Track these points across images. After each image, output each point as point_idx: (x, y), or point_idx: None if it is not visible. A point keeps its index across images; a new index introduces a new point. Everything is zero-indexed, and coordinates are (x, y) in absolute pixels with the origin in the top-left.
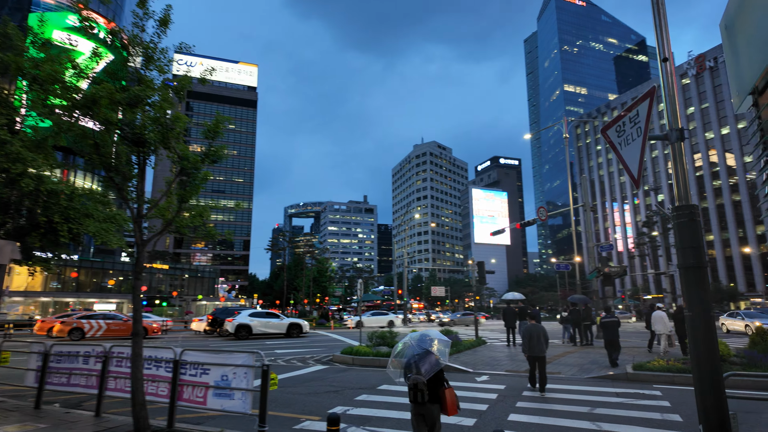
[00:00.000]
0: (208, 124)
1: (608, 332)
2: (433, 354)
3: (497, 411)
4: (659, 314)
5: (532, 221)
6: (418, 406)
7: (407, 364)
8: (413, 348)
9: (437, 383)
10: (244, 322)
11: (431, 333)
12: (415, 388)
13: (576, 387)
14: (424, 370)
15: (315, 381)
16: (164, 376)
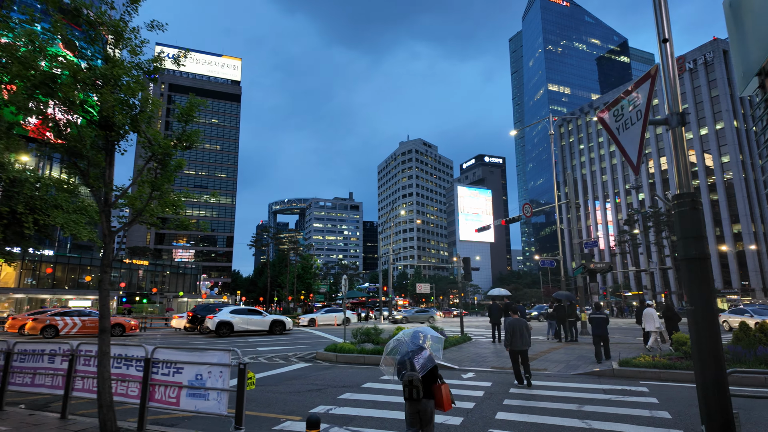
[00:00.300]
0: (181, 107)
1: (597, 328)
2: (427, 350)
3: (484, 409)
4: (649, 311)
5: (518, 218)
6: (413, 403)
7: (401, 362)
8: (407, 345)
9: (431, 379)
10: (225, 319)
11: (424, 330)
12: (410, 384)
13: (563, 384)
14: (418, 366)
15: (297, 379)
16: (135, 376)
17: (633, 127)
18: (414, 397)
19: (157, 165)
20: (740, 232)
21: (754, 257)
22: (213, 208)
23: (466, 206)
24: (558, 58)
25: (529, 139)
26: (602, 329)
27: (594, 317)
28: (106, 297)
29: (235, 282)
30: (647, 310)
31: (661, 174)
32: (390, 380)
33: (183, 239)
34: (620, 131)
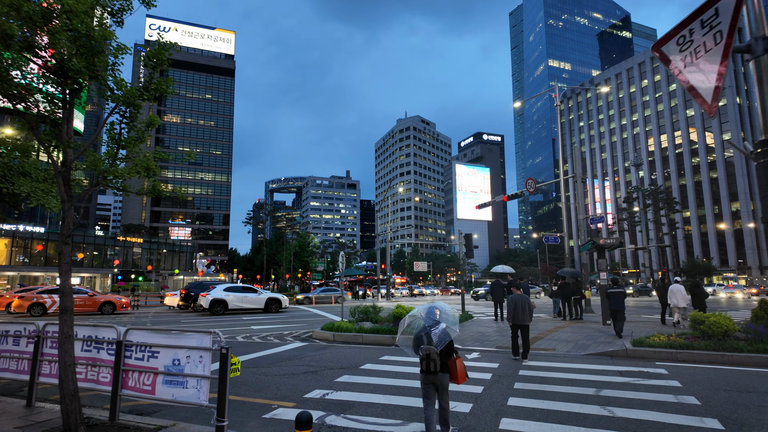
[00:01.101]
0: (150, 51)
1: (614, 302)
2: (443, 324)
3: (494, 394)
4: (677, 287)
5: (520, 193)
6: (429, 375)
7: (418, 336)
8: (423, 320)
9: (447, 353)
10: (218, 296)
11: (439, 305)
12: (428, 358)
13: (574, 365)
14: (436, 340)
15: (292, 360)
16: (106, 360)
17: (708, 56)
18: (432, 370)
19: (121, 118)
20: (738, 210)
21: (752, 235)
22: (208, 185)
23: (464, 184)
24: (559, 32)
25: (528, 116)
26: (620, 304)
27: (612, 292)
28: (67, 272)
29: (232, 260)
30: (674, 286)
31: (661, 151)
32: (390, 361)
33: (179, 217)
34: (687, 63)
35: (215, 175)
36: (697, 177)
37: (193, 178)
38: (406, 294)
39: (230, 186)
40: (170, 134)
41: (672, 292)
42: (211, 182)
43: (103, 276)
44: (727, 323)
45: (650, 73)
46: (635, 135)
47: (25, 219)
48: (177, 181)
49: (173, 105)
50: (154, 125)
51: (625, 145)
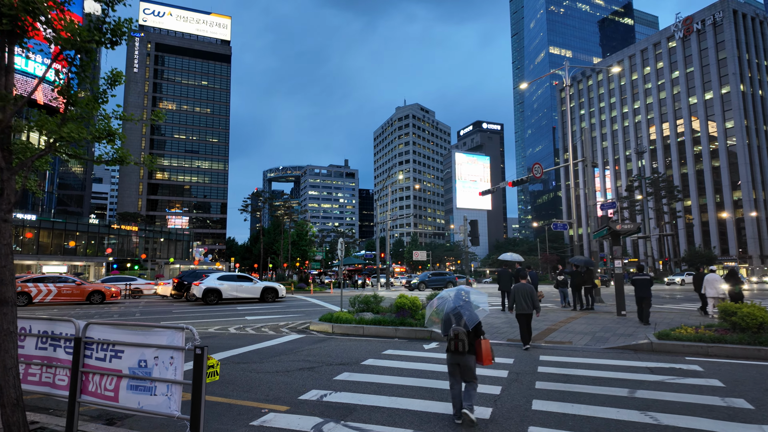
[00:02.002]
0: None
1: (640, 290)
2: (473, 305)
3: (515, 396)
4: (713, 277)
5: (526, 179)
6: (456, 356)
7: (446, 318)
8: (452, 301)
9: (474, 334)
10: (212, 285)
11: (465, 288)
12: (456, 338)
13: (596, 360)
14: (465, 320)
15: (287, 354)
16: (63, 360)
17: None
18: (459, 350)
19: (69, 65)
20: (740, 199)
21: (753, 224)
22: (205, 173)
23: (463, 173)
24: (560, 19)
25: (528, 104)
26: (647, 291)
27: (638, 279)
28: (7, 255)
29: (230, 249)
30: (710, 275)
31: (663, 140)
32: (394, 356)
33: (176, 205)
34: None
35: (212, 163)
36: (699, 166)
37: (190, 166)
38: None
39: (227, 174)
40: (166, 122)
41: (708, 281)
42: (208, 170)
43: (98, 265)
44: (763, 314)
45: (653, 60)
46: (636, 123)
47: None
48: (173, 169)
49: (168, 92)
50: (117, 81)
51: (627, 133)
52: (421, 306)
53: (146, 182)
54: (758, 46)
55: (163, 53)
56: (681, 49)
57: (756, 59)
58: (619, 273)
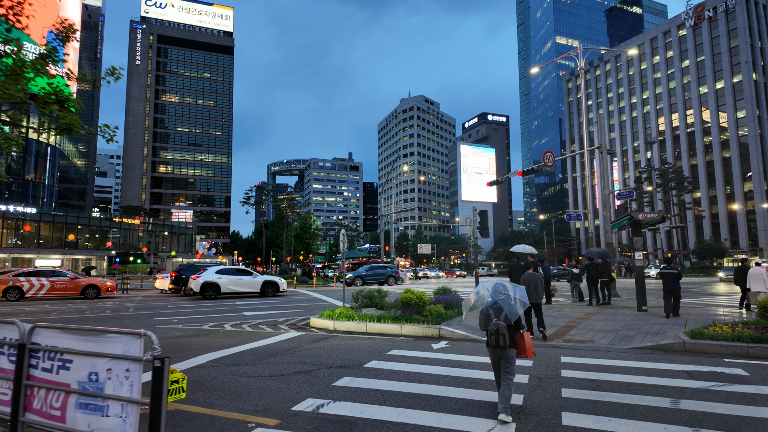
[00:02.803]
0: None
1: (670, 283)
2: (512, 298)
3: (540, 406)
4: (758, 271)
5: (537, 168)
6: (497, 350)
7: (486, 312)
8: (490, 295)
9: (515, 328)
10: (210, 279)
11: (503, 282)
12: (497, 332)
13: (625, 362)
14: (506, 314)
15: (283, 355)
16: (6, 370)
17: None
18: (501, 344)
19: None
20: (751, 191)
21: (765, 216)
22: (209, 167)
23: (468, 165)
24: (567, 8)
25: (534, 95)
26: (676, 285)
27: (667, 272)
28: None
29: (234, 243)
30: (754, 269)
31: (672, 130)
32: (400, 357)
33: (181, 199)
34: None
35: (215, 156)
36: (709, 157)
37: (193, 159)
38: (410, 276)
39: (231, 167)
40: (169, 114)
41: (752, 275)
42: (212, 163)
43: (99, 258)
44: None
45: (662, 50)
46: (645, 114)
47: (15, 199)
48: (177, 163)
49: (171, 84)
50: (69, 39)
51: (635, 124)
52: (428, 301)
53: (149, 176)
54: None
55: (166, 45)
56: (692, 37)
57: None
58: (641, 266)
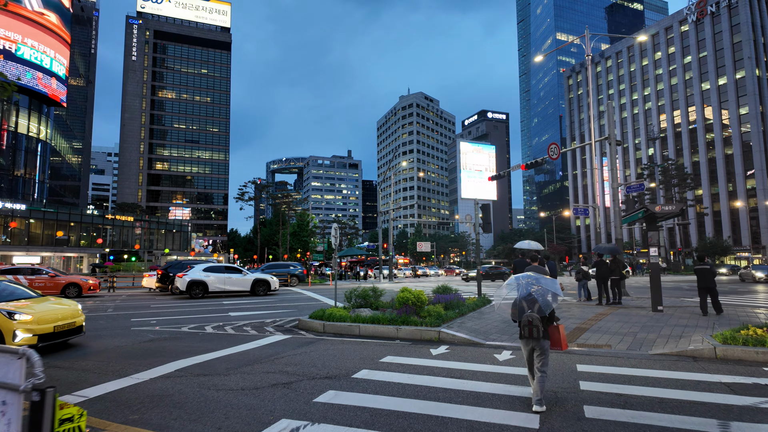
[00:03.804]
0: None
1: (704, 280)
2: (545, 290)
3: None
4: None
5: (541, 161)
6: (531, 341)
7: (519, 304)
8: (524, 287)
9: (548, 320)
10: (197, 278)
11: (535, 275)
12: (530, 324)
13: (651, 372)
14: (540, 306)
15: (262, 362)
16: None
17: None
18: (534, 335)
19: None
20: (754, 188)
21: (767, 213)
22: (206, 164)
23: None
24: (568, 4)
25: (534, 93)
26: (710, 281)
27: (699, 268)
28: None
29: (232, 241)
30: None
31: (674, 127)
32: (395, 365)
33: (178, 196)
34: None
35: (213, 153)
36: (711, 153)
37: (190, 156)
38: (409, 275)
39: (228, 165)
40: (165, 111)
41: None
42: (209, 161)
43: (92, 256)
44: None
45: (664, 45)
46: (647, 110)
47: (4, 195)
48: (174, 160)
49: (168, 80)
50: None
51: (636, 120)
52: (426, 301)
53: (146, 173)
54: None
55: (162, 41)
56: (694, 32)
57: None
58: (656, 263)
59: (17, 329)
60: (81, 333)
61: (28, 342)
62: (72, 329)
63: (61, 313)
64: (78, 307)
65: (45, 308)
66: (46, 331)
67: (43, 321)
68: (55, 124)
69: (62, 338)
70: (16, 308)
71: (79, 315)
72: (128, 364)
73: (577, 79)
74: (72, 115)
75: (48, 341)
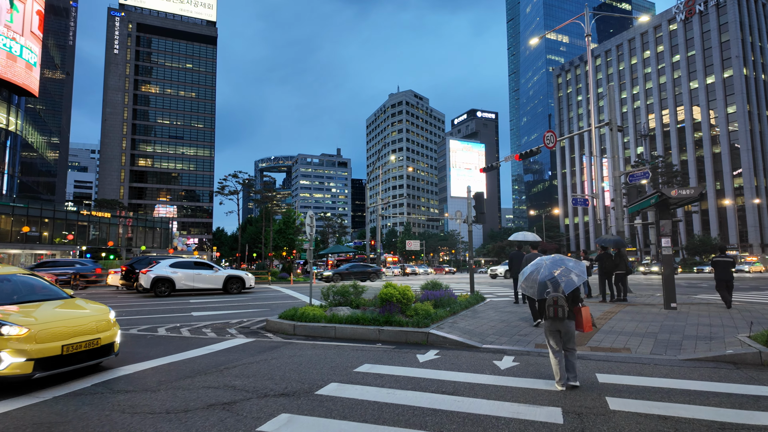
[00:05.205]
0: None
1: (722, 272)
2: (570, 271)
3: None
4: None
5: (537, 150)
6: (556, 322)
7: (542, 283)
8: (548, 267)
9: (573, 301)
10: (162, 274)
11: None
12: (555, 304)
13: (691, 384)
14: (563, 286)
15: (207, 374)
16: None
17: None
18: (560, 316)
19: None
20: (741, 186)
21: (754, 212)
22: (191, 160)
23: (458, 161)
24: (557, 3)
25: (524, 92)
26: (729, 273)
27: (720, 260)
28: None
29: (219, 239)
30: None
31: (662, 125)
32: (372, 376)
33: (162, 194)
34: None
35: (198, 149)
36: (699, 152)
37: (175, 153)
38: (398, 273)
39: (214, 161)
40: (149, 106)
41: None
42: (194, 157)
43: (65, 253)
44: None
45: (653, 44)
46: (635, 109)
47: None
48: (157, 156)
49: (151, 75)
50: None
51: (625, 119)
52: (413, 298)
53: (129, 169)
54: (761, 29)
55: (146, 34)
56: (682, 31)
57: (759, 42)
58: (668, 255)
59: (2, 350)
60: (111, 354)
61: (19, 372)
62: (93, 350)
63: (78, 323)
64: (108, 315)
65: (52, 316)
66: (49, 353)
67: (47, 337)
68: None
69: (76, 364)
70: (5, 316)
71: (106, 327)
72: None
73: (566, 77)
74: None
75: (52, 369)
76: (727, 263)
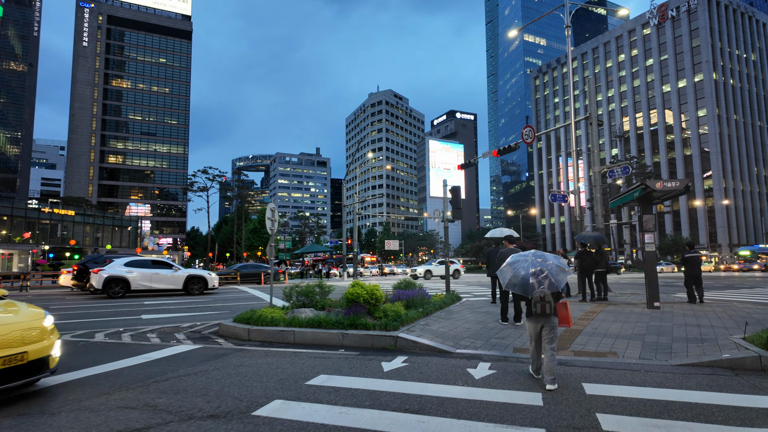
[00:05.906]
0: None
1: (693, 268)
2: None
3: None
4: None
5: (515, 146)
6: (541, 318)
7: (524, 280)
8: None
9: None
10: (116, 274)
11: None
12: (543, 300)
13: (690, 395)
14: (552, 281)
15: (131, 390)
16: None
17: None
18: (546, 312)
19: None
20: (711, 188)
21: (723, 213)
22: (163, 158)
23: (437, 161)
24: (535, 6)
25: (502, 93)
26: (698, 269)
27: (690, 257)
28: None
29: (194, 239)
30: None
31: (636, 129)
32: (328, 390)
33: (134, 192)
34: None
35: (171, 146)
36: (671, 154)
37: (147, 150)
38: (376, 273)
39: (187, 159)
40: (120, 101)
41: None
42: (167, 154)
43: (24, 253)
44: None
45: (627, 48)
46: (610, 111)
47: None
48: (129, 153)
49: (123, 69)
50: None
51: (600, 121)
52: (382, 298)
53: (98, 166)
54: (731, 35)
55: (117, 27)
56: (656, 36)
57: (728, 48)
58: (651, 251)
59: None
60: (45, 372)
61: None
62: (15, 368)
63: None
64: (42, 321)
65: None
66: None
67: None
68: None
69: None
70: None
71: (38, 338)
72: None
73: (543, 79)
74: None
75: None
76: (697, 259)
